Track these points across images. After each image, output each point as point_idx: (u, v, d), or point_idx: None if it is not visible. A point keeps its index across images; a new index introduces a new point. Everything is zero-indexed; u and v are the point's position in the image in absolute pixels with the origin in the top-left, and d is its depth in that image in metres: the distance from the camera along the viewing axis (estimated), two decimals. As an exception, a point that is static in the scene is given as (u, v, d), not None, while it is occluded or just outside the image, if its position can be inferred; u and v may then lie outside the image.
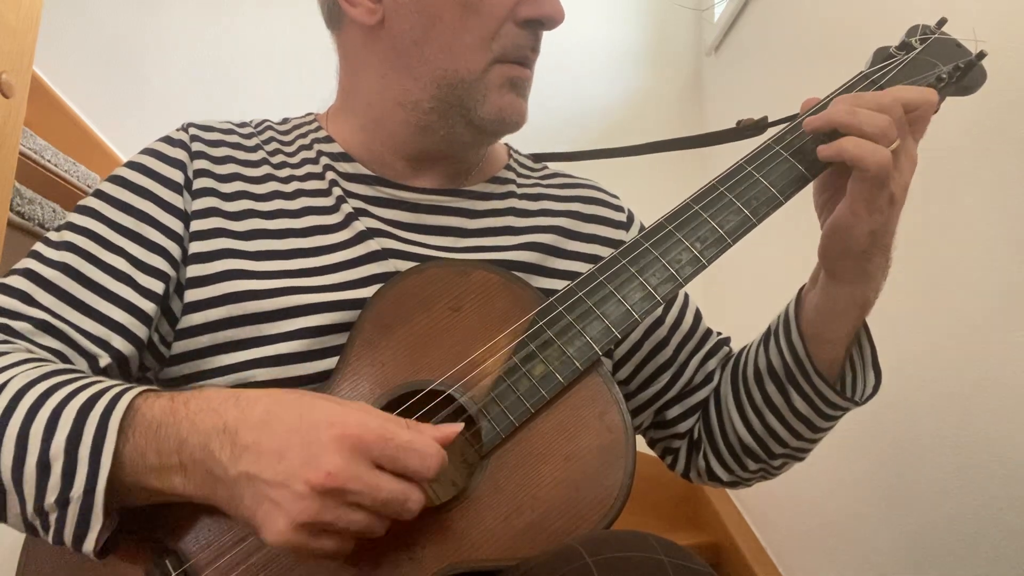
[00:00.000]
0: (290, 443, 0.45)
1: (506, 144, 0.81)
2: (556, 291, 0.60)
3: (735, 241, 0.59)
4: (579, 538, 0.46)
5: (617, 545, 0.44)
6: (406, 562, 0.50)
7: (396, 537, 0.50)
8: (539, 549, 0.50)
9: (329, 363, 0.59)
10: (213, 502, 0.48)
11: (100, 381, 0.51)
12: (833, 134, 0.57)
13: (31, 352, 0.55)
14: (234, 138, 0.70)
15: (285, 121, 0.76)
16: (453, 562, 0.50)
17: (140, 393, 0.50)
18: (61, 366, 0.54)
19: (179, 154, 0.66)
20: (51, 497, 0.47)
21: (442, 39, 0.65)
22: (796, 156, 0.60)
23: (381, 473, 0.46)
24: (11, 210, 1.01)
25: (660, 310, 0.74)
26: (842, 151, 0.56)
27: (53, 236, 0.61)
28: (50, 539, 0.48)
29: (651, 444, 0.79)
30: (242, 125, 0.73)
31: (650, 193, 1.28)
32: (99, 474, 0.47)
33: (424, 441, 0.47)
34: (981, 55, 0.63)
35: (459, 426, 0.50)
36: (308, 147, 0.71)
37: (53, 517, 0.47)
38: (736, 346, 0.78)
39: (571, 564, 0.43)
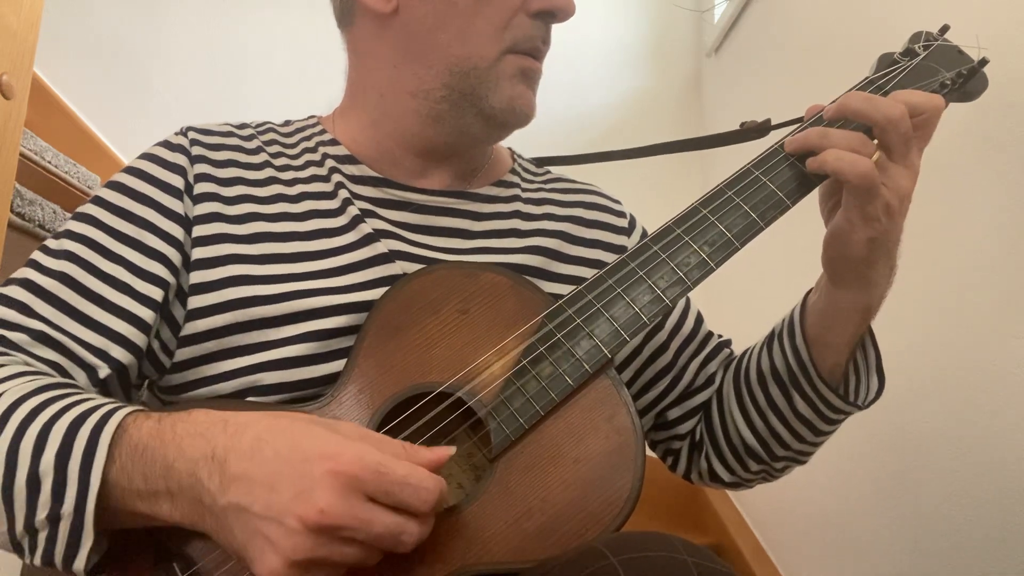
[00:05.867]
0: (281, 474, 0.44)
1: (509, 148, 0.81)
2: (562, 295, 0.60)
3: (743, 245, 0.59)
4: (602, 539, 0.46)
5: (641, 545, 0.44)
6: (417, 565, 0.50)
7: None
8: (550, 551, 0.51)
9: (336, 366, 0.59)
10: (201, 529, 0.47)
11: (92, 398, 0.51)
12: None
13: (28, 364, 0.55)
14: (234, 140, 0.69)
15: (287, 123, 0.76)
16: (464, 564, 0.50)
17: (130, 413, 0.49)
18: (55, 380, 0.53)
19: (179, 159, 0.65)
20: (42, 514, 0.46)
21: (456, 26, 0.65)
22: (802, 161, 0.60)
23: (375, 507, 0.44)
24: (11, 211, 1.01)
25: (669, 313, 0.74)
26: (823, 164, 0.58)
27: (52, 244, 0.60)
28: (38, 559, 0.47)
29: (652, 446, 0.80)
30: (241, 127, 0.72)
31: (650, 195, 1.29)
32: (89, 491, 0.46)
33: (420, 475, 0.45)
34: (983, 62, 0.64)
35: (451, 449, 0.49)
36: (312, 150, 0.71)
37: (43, 535, 0.47)
38: (737, 348, 0.78)
39: (596, 564, 0.43)
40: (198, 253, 0.62)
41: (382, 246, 0.64)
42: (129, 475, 0.47)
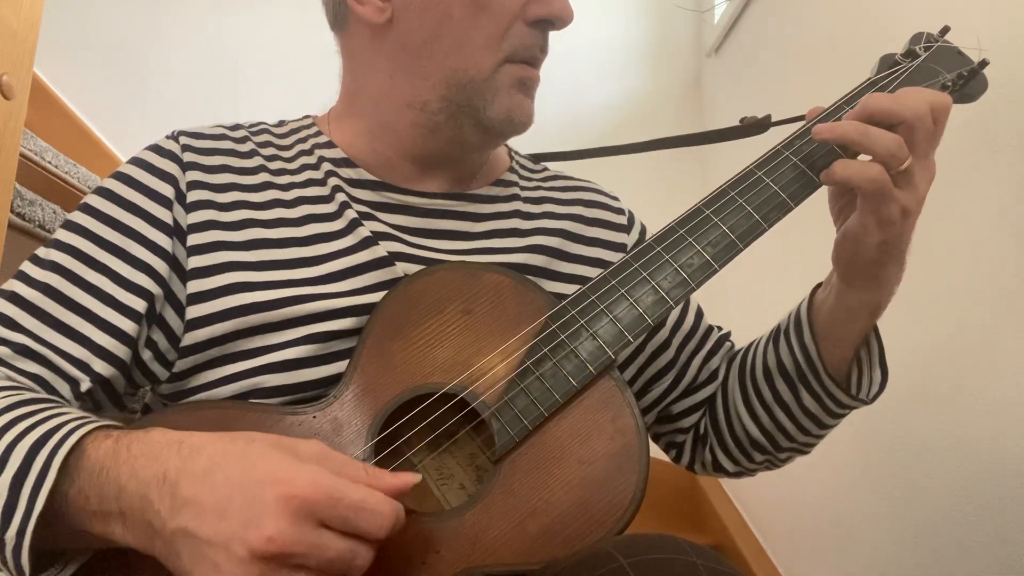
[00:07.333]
0: (232, 500, 0.43)
1: (506, 145, 0.80)
2: (564, 295, 0.60)
3: (746, 245, 0.59)
4: (610, 541, 0.46)
5: (651, 548, 0.44)
6: (420, 567, 0.50)
7: (409, 542, 0.50)
8: (554, 553, 0.51)
9: (338, 367, 0.59)
10: (151, 553, 0.46)
11: (61, 414, 0.50)
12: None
13: (10, 379, 0.55)
14: (227, 144, 0.68)
15: (281, 124, 0.75)
16: (468, 566, 0.50)
17: (91, 431, 0.48)
18: (29, 395, 0.53)
19: (169, 166, 0.64)
20: None
21: (452, 38, 0.64)
22: (806, 161, 0.61)
23: (326, 533, 0.43)
24: (12, 211, 1.01)
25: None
26: (832, 176, 0.57)
27: (41, 253, 0.61)
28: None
29: (655, 438, 0.80)
30: (234, 128, 0.71)
31: (649, 193, 1.29)
32: (31, 515, 0.45)
33: (376, 499, 0.44)
34: (983, 63, 0.64)
35: (416, 476, 0.48)
36: (308, 152, 0.70)
37: None
38: (737, 342, 0.79)
39: (606, 566, 0.43)
40: (195, 262, 0.61)
41: (381, 249, 0.63)
42: (86, 496, 0.46)
